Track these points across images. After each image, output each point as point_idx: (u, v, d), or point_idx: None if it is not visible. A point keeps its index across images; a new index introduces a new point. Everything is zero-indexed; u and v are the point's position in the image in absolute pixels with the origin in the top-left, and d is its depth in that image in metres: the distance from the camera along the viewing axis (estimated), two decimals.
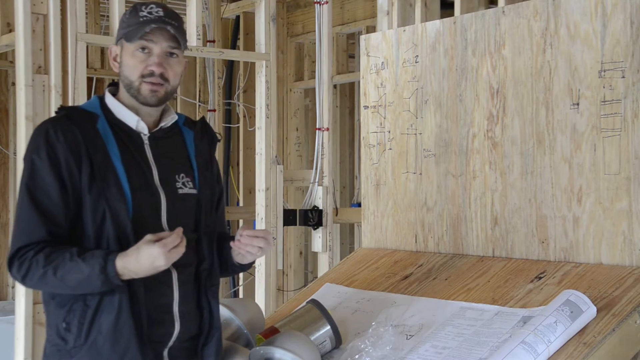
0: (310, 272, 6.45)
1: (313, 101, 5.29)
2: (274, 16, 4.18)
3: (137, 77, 2.16)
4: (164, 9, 2.19)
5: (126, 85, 2.19)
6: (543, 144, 2.66)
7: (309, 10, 5.77)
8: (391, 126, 3.16)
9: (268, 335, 2.47)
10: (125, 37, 2.17)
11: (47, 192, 2.07)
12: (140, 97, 2.18)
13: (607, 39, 2.51)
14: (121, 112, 2.20)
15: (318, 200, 4.37)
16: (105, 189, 2.09)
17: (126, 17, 2.19)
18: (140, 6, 2.18)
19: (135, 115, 2.20)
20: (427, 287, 2.73)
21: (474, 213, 2.85)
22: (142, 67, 2.16)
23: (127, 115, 2.20)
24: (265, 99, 4.16)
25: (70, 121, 2.13)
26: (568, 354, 2.12)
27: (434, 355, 2.31)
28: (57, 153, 2.08)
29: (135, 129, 2.20)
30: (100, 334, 2.07)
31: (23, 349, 3.43)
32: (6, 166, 6.90)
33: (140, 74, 2.16)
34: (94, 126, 2.15)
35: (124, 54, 2.18)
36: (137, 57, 2.16)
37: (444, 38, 2.97)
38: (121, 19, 2.23)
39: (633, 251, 2.44)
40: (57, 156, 2.08)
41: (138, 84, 2.16)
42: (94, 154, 2.10)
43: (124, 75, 2.18)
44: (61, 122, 2.12)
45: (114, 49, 2.23)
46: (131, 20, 2.18)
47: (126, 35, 2.17)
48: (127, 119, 2.20)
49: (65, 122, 2.13)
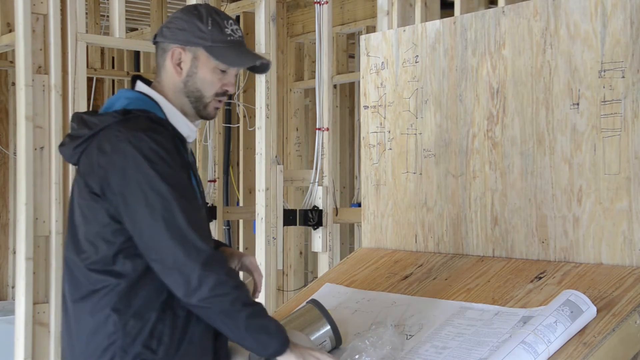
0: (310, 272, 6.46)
1: (313, 101, 5.30)
2: (274, 16, 4.18)
3: (211, 94, 2.12)
4: (238, 25, 2.15)
5: (194, 98, 2.11)
6: (543, 144, 2.66)
7: (309, 10, 5.77)
8: (391, 126, 3.16)
9: None
10: (208, 50, 2.09)
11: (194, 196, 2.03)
12: (203, 112, 2.13)
13: (607, 39, 2.51)
14: (177, 119, 2.11)
15: (318, 200, 4.37)
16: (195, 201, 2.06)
17: (207, 27, 2.09)
18: (221, 19, 2.11)
19: (192, 125, 2.14)
20: (427, 287, 2.73)
21: (474, 213, 2.85)
22: (219, 85, 2.11)
23: (182, 124, 2.12)
24: (265, 99, 4.16)
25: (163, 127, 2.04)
26: (568, 354, 2.12)
27: (434, 355, 2.31)
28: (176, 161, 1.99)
29: (186, 138, 2.13)
30: (192, 343, 2.02)
31: (23, 349, 3.44)
32: (6, 166, 6.90)
33: (215, 92, 2.12)
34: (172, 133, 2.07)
35: (201, 65, 2.10)
36: (217, 75, 2.11)
37: (444, 38, 2.98)
38: (194, 24, 2.10)
39: (633, 251, 2.44)
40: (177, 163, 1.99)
41: (209, 100, 2.12)
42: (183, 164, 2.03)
43: (195, 86, 2.11)
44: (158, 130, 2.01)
45: (179, 53, 2.11)
46: (215, 35, 2.09)
47: (211, 49, 2.08)
48: (182, 127, 2.12)
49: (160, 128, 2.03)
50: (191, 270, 1.93)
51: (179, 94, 2.12)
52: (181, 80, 2.11)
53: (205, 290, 1.93)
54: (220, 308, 1.96)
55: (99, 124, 2.04)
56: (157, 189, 1.94)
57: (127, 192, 1.96)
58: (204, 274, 1.94)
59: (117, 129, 2.00)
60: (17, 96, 3.52)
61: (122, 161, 1.96)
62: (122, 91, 2.14)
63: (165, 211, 1.94)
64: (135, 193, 1.95)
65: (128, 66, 6.51)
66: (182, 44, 2.10)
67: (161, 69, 2.15)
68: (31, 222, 3.45)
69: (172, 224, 1.94)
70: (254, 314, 1.99)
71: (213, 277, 1.94)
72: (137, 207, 1.95)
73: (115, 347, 1.99)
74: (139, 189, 1.95)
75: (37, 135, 3.48)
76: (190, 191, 2.01)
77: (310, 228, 4.45)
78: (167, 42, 2.12)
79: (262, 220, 4.18)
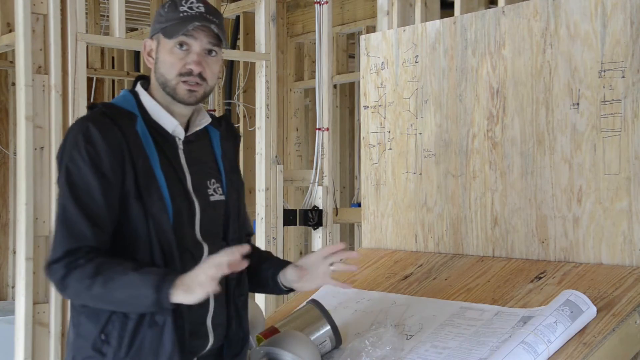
0: None
1: (313, 101, 5.30)
2: (274, 16, 4.18)
3: (174, 76, 2.04)
4: (204, 4, 2.07)
5: (161, 83, 2.06)
6: (543, 144, 2.66)
7: (309, 10, 5.77)
8: (391, 126, 3.16)
9: (268, 335, 2.47)
10: (163, 32, 2.05)
11: (90, 194, 1.95)
12: (176, 96, 2.05)
13: (607, 39, 2.51)
14: (159, 114, 2.08)
15: (318, 200, 4.37)
16: (148, 196, 1.99)
17: (164, 10, 2.07)
18: (180, 0, 2.06)
19: (174, 120, 2.09)
20: (427, 287, 2.73)
21: (474, 213, 2.85)
22: (180, 65, 2.04)
23: (165, 118, 2.08)
24: (265, 99, 4.16)
25: (111, 120, 2.00)
26: (568, 354, 2.12)
27: (434, 355, 2.31)
28: (100, 153, 1.96)
29: (172, 134, 2.09)
30: (143, 347, 1.97)
31: (23, 349, 3.43)
32: (6, 166, 6.90)
33: (178, 72, 2.04)
34: (134, 127, 2.03)
35: (161, 49, 2.06)
36: (176, 54, 2.04)
37: (444, 38, 2.97)
38: (158, 12, 2.10)
39: (633, 251, 2.44)
40: (100, 156, 1.96)
41: (175, 82, 2.05)
42: (137, 158, 1.99)
43: (160, 72, 2.06)
44: (101, 121, 1.99)
45: (148, 44, 2.10)
46: (170, 15, 2.04)
47: (164, 30, 2.04)
48: (165, 122, 2.08)
49: (106, 120, 2.00)
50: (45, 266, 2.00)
51: (157, 86, 2.09)
52: (154, 71, 2.10)
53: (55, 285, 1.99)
54: (74, 291, 1.96)
55: None
56: (60, 177, 2.00)
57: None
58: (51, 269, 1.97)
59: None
60: (17, 96, 3.51)
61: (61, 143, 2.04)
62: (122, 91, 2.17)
63: (57, 200, 2.02)
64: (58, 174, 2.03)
65: (128, 66, 6.50)
66: (150, 35, 2.11)
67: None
68: (31, 222, 3.44)
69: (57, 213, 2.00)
70: (107, 279, 1.91)
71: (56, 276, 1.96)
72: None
73: (71, 346, 2.03)
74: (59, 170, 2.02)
75: (37, 135, 3.47)
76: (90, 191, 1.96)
77: (310, 228, 4.45)
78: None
79: (262, 220, 4.18)
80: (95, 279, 1.91)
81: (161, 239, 2.00)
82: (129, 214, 1.99)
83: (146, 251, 2.00)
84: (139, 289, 1.90)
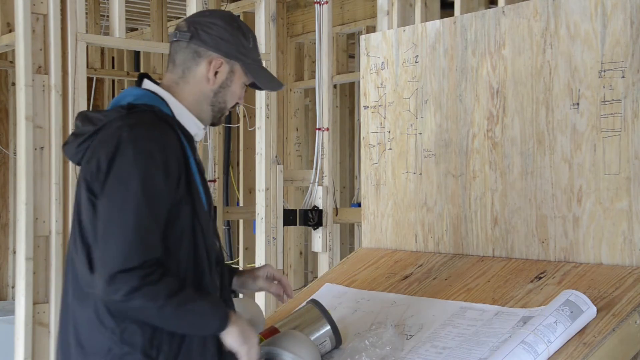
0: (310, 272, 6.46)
1: (313, 101, 5.30)
2: (274, 16, 4.19)
3: (231, 106, 2.16)
4: None
5: (218, 108, 2.14)
6: (543, 144, 2.66)
7: (309, 10, 5.77)
8: (391, 126, 3.16)
9: (268, 335, 2.47)
10: (246, 67, 2.14)
11: (161, 206, 1.93)
12: (217, 121, 2.17)
13: (607, 39, 2.51)
14: (186, 118, 2.09)
15: (318, 200, 4.37)
16: (196, 199, 2.02)
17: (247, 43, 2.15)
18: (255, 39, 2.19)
19: (200, 124, 2.13)
20: (427, 287, 2.73)
21: (474, 213, 2.85)
22: (238, 98, 2.18)
23: (191, 122, 2.10)
24: (265, 99, 4.16)
25: (168, 125, 2.00)
26: (568, 354, 2.12)
27: (434, 355, 2.31)
28: (169, 161, 1.94)
29: (194, 137, 2.11)
30: (191, 351, 2.00)
31: (23, 349, 3.44)
32: (6, 166, 6.90)
33: (234, 104, 2.18)
34: (177, 131, 2.03)
35: (236, 80, 2.14)
36: (242, 91, 2.18)
37: (444, 38, 2.98)
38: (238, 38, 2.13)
39: (633, 251, 2.44)
40: (169, 165, 1.94)
41: (227, 111, 2.17)
42: (185, 163, 2.00)
43: (222, 98, 2.13)
44: (163, 128, 1.99)
45: (219, 63, 2.10)
46: (253, 54, 2.16)
47: (249, 67, 2.14)
48: (190, 127, 2.10)
49: (166, 127, 2.00)
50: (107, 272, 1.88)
51: (202, 100, 2.12)
52: (211, 89, 2.12)
53: (120, 295, 1.88)
54: (140, 306, 1.90)
55: (103, 119, 2.01)
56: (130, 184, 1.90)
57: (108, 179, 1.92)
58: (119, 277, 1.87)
59: (119, 122, 1.97)
60: (17, 96, 3.52)
61: (113, 149, 1.93)
62: (129, 89, 2.11)
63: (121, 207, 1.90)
64: (112, 182, 1.92)
65: (128, 66, 6.51)
66: (225, 55, 2.11)
67: (187, 71, 2.11)
68: (31, 222, 3.44)
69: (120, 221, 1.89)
70: (180, 303, 1.92)
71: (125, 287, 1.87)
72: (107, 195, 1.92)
73: (112, 355, 1.95)
74: (116, 179, 1.91)
75: (37, 135, 3.48)
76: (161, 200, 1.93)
77: (310, 228, 4.45)
78: (205, 47, 2.10)
79: (262, 220, 4.18)
80: (168, 301, 1.90)
81: (207, 244, 2.05)
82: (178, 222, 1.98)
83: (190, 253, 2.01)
84: (208, 318, 1.99)
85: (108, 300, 1.91)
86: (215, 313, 2.00)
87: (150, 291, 1.88)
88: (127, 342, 1.94)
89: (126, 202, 1.89)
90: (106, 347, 1.95)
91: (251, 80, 2.16)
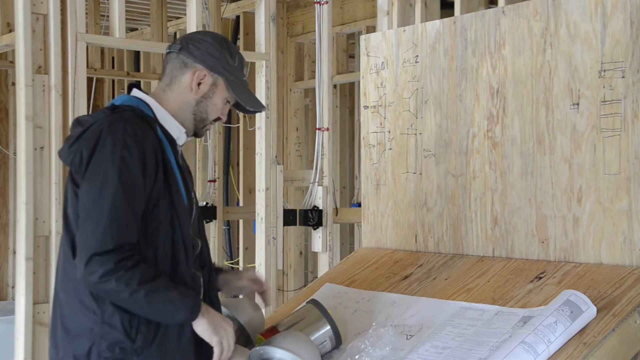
0: (310, 272, 6.46)
1: (313, 101, 5.30)
2: (274, 16, 4.18)
3: (212, 119, 2.28)
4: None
5: (200, 118, 2.26)
6: (543, 144, 2.66)
7: (309, 10, 5.77)
8: (391, 126, 3.16)
9: (268, 335, 2.47)
10: (229, 84, 2.25)
11: (137, 194, 2.06)
12: (200, 132, 2.29)
13: (607, 39, 2.51)
14: (168, 122, 2.23)
15: (318, 200, 4.37)
16: (176, 195, 2.15)
17: (233, 61, 2.27)
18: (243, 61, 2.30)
19: (182, 127, 2.26)
20: (427, 287, 2.73)
21: (474, 213, 2.85)
22: (220, 114, 2.29)
23: (173, 125, 2.24)
24: (265, 99, 4.16)
25: (147, 123, 2.15)
26: (568, 354, 2.12)
27: (434, 355, 2.31)
28: (146, 155, 2.08)
29: (176, 140, 2.25)
30: (167, 333, 2.11)
31: (23, 349, 3.44)
32: (6, 166, 6.90)
33: (215, 117, 2.29)
34: (157, 131, 2.18)
35: (218, 93, 2.27)
36: (224, 106, 2.28)
37: (444, 38, 2.97)
38: (224, 55, 2.26)
39: (633, 251, 2.44)
40: (146, 158, 2.08)
41: (209, 123, 2.29)
42: (164, 160, 2.14)
43: (205, 109, 2.27)
44: (141, 124, 2.13)
45: (204, 74, 2.24)
46: (238, 73, 2.28)
47: (231, 84, 2.25)
48: (172, 129, 2.24)
49: (144, 123, 2.14)
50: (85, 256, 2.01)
51: (185, 108, 2.26)
52: (194, 98, 2.25)
53: (95, 277, 2.00)
54: (113, 289, 2.01)
55: (90, 120, 2.16)
56: (108, 172, 2.04)
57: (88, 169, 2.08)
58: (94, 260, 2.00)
59: (102, 120, 2.13)
60: (17, 96, 3.51)
61: (93, 142, 2.08)
62: (119, 96, 2.29)
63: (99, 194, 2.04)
64: (91, 171, 2.07)
65: (128, 66, 6.50)
66: (209, 68, 2.25)
67: (174, 79, 2.26)
68: (31, 222, 3.44)
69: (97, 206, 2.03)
70: (152, 290, 2.03)
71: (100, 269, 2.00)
72: (87, 183, 2.07)
73: (93, 332, 2.07)
74: (95, 168, 2.06)
75: (37, 135, 3.48)
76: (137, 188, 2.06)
77: (310, 228, 4.45)
78: (192, 59, 2.25)
79: (262, 220, 4.18)
80: (141, 287, 2.02)
81: (184, 237, 2.16)
82: (156, 213, 2.11)
83: (167, 243, 2.13)
84: (178, 307, 2.07)
85: (86, 283, 2.04)
86: (185, 303, 2.09)
87: (123, 275, 2.01)
88: (107, 322, 2.07)
89: (104, 188, 2.04)
90: (88, 328, 2.08)
91: (233, 97, 2.28)
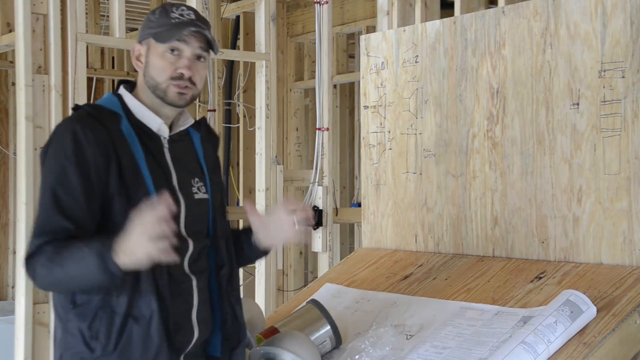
0: (310, 272, 6.45)
1: (313, 101, 5.30)
2: (274, 16, 4.18)
3: (165, 79, 2.10)
4: (194, 12, 2.15)
5: (151, 86, 2.12)
6: (543, 144, 2.66)
7: (309, 10, 5.77)
8: (391, 126, 3.16)
9: (268, 335, 2.47)
10: (154, 36, 2.11)
11: (72, 194, 1.99)
12: (167, 99, 2.11)
13: (607, 39, 2.51)
14: (143, 113, 2.14)
15: (318, 200, 4.37)
16: (134, 192, 2.03)
17: (155, 16, 2.14)
18: (170, 7, 2.13)
19: (158, 118, 2.14)
20: (427, 287, 2.73)
21: (474, 213, 2.85)
22: (171, 69, 2.10)
23: (149, 117, 2.14)
24: (265, 99, 4.16)
25: (96, 120, 2.06)
26: (568, 354, 2.12)
27: (434, 355, 2.31)
28: (85, 153, 2.00)
29: (157, 132, 2.14)
30: (131, 341, 2.00)
31: (23, 349, 3.44)
32: (6, 166, 6.90)
33: (169, 76, 2.10)
34: (118, 126, 2.08)
35: (152, 54, 2.12)
36: (167, 59, 2.10)
37: (444, 38, 2.98)
38: (147, 17, 2.16)
39: (633, 251, 2.44)
40: (85, 156, 2.00)
41: (165, 85, 2.10)
42: (122, 156, 2.04)
43: (150, 75, 2.11)
44: (87, 121, 2.05)
45: (137, 48, 2.15)
46: (161, 21, 2.11)
47: (156, 35, 2.10)
48: (149, 121, 2.14)
49: (91, 120, 2.05)
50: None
51: (144, 88, 2.15)
52: (142, 74, 2.15)
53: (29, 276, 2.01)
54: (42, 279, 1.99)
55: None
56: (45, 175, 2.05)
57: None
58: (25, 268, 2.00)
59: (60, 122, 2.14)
60: (17, 96, 3.51)
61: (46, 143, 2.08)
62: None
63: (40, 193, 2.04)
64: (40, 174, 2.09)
65: (128, 66, 6.51)
66: (140, 39, 2.16)
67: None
68: (31, 222, 3.44)
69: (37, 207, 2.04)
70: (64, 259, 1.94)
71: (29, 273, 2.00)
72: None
73: (60, 343, 2.05)
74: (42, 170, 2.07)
75: (37, 135, 3.48)
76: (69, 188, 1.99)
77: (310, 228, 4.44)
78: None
79: None
80: (54, 262, 1.94)
81: None
82: (112, 211, 2.02)
83: None
84: (87, 260, 1.91)
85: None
86: (90, 251, 1.92)
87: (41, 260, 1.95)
88: (70, 331, 2.03)
89: (42, 187, 2.04)
90: (58, 336, 2.07)
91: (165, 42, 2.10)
